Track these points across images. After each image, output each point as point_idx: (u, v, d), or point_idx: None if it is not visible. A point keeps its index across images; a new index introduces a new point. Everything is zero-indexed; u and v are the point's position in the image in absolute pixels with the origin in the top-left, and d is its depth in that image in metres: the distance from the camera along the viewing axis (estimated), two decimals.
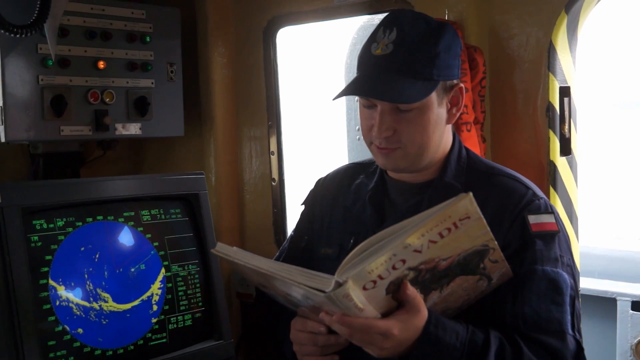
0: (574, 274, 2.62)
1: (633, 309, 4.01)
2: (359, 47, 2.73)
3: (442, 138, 2.73)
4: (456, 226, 2.20)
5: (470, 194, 2.15)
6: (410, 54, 2.56)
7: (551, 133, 3.37)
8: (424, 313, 2.33)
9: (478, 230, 2.26)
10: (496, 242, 2.33)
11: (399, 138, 2.62)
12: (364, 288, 2.19)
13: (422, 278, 2.30)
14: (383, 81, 2.56)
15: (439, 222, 2.17)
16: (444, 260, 2.29)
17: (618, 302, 4.09)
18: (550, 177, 3.38)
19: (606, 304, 4.14)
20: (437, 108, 2.64)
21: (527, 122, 3.43)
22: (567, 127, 3.40)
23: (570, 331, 2.51)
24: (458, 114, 2.74)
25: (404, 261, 2.21)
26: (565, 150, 3.42)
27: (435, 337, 2.35)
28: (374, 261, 2.15)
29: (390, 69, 2.56)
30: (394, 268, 2.20)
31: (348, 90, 2.66)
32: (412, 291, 2.29)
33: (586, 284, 4.18)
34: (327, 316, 2.29)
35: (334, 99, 2.69)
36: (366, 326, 2.26)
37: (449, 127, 2.77)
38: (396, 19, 2.61)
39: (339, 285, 2.14)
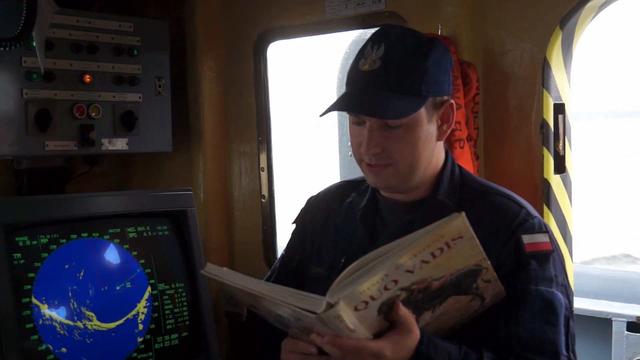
0: (569, 294, 2.59)
1: (629, 329, 3.97)
2: (351, 61, 2.69)
3: (432, 155, 2.69)
4: (449, 246, 2.16)
5: (463, 213, 2.12)
6: (398, 70, 2.53)
7: (545, 150, 3.33)
8: (416, 333, 2.29)
9: (471, 250, 2.22)
10: (489, 262, 2.29)
11: (390, 154, 2.58)
12: (356, 309, 2.16)
13: (415, 298, 2.27)
14: (370, 97, 2.53)
15: (431, 242, 2.13)
16: (437, 280, 2.25)
17: (613, 323, 4.04)
18: (544, 196, 3.35)
19: (601, 324, 4.09)
20: (427, 124, 2.60)
21: (520, 139, 3.40)
22: (561, 144, 3.37)
23: (564, 352, 2.48)
24: (449, 131, 2.70)
25: (396, 282, 2.17)
26: (560, 168, 3.38)
27: (428, 357, 2.31)
28: (366, 282, 2.12)
29: (377, 85, 2.53)
30: (385, 289, 2.17)
31: (335, 106, 2.62)
32: (404, 311, 2.25)
33: (581, 304, 4.14)
34: (319, 337, 2.25)
35: (321, 115, 2.66)
36: (358, 347, 2.22)
37: (441, 144, 2.74)
38: (384, 34, 2.58)
39: (330, 306, 2.11)
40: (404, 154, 2.58)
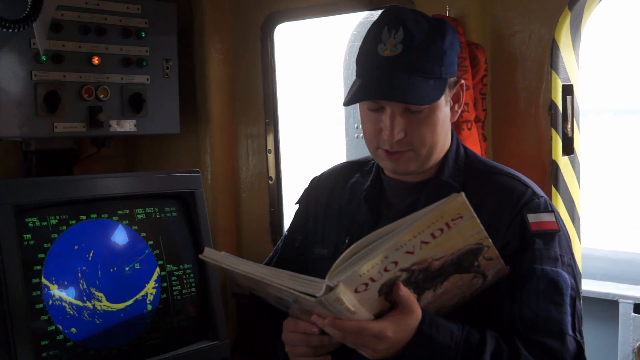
0: (575, 274, 2.58)
1: (635, 311, 3.98)
2: (358, 43, 2.68)
3: (447, 137, 2.70)
4: (449, 226, 2.17)
5: (462, 193, 2.13)
6: (421, 54, 2.52)
7: (553, 132, 3.33)
8: (418, 313, 2.30)
9: (471, 229, 2.23)
10: (490, 240, 2.30)
11: (410, 140, 2.57)
12: (356, 291, 2.17)
13: (415, 278, 2.27)
14: (396, 83, 2.51)
15: (431, 223, 2.14)
16: (437, 260, 2.26)
17: (620, 305, 4.06)
18: (552, 177, 3.34)
19: (608, 306, 4.11)
20: (444, 106, 2.62)
21: (529, 121, 3.40)
22: (569, 126, 3.36)
23: (570, 332, 2.47)
24: (459, 111, 2.72)
25: (396, 263, 2.18)
26: (568, 149, 3.38)
27: (430, 337, 2.32)
28: (366, 264, 2.13)
29: (402, 70, 2.52)
30: (385, 270, 2.18)
31: (361, 95, 2.59)
32: (404, 292, 2.26)
33: (588, 286, 4.15)
34: (319, 319, 2.27)
35: (345, 105, 2.64)
36: (359, 328, 2.24)
37: (449, 126, 2.73)
38: (399, 17, 2.56)
39: (330, 289, 2.12)
40: (425, 137, 2.58)
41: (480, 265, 2.36)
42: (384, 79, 2.54)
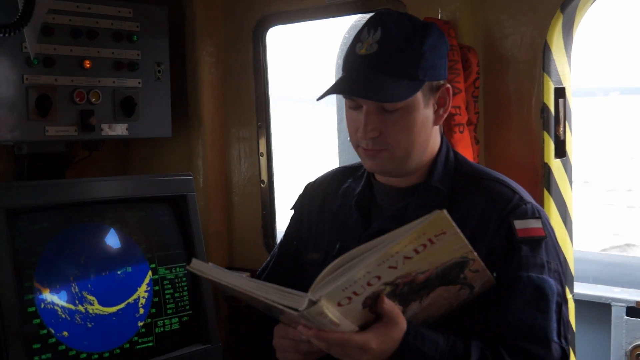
0: (562, 280, 2.58)
1: (628, 314, 3.98)
2: (348, 46, 2.70)
3: (429, 140, 2.69)
4: (432, 242, 2.17)
5: (444, 210, 2.11)
6: (395, 53, 2.53)
7: (545, 135, 3.33)
8: (403, 325, 2.31)
9: (455, 244, 2.23)
10: (475, 254, 2.30)
11: (385, 139, 2.58)
12: (339, 304, 2.18)
13: (400, 291, 2.28)
14: (367, 80, 2.53)
15: (413, 239, 2.14)
16: (422, 273, 2.26)
17: (613, 308, 4.06)
18: (544, 180, 3.34)
19: (601, 309, 4.11)
20: (424, 109, 2.61)
21: (521, 124, 3.40)
22: (562, 128, 3.36)
23: (555, 339, 2.48)
24: (445, 115, 2.71)
25: (379, 277, 2.18)
26: (560, 152, 3.38)
27: (414, 348, 2.33)
28: (348, 279, 2.13)
29: (374, 69, 2.53)
30: (369, 284, 2.18)
31: (332, 90, 2.62)
32: (388, 304, 2.27)
33: (580, 289, 4.15)
34: (305, 329, 2.28)
35: (318, 99, 2.68)
36: (343, 340, 2.25)
37: (437, 129, 2.74)
38: (381, 19, 2.58)
39: (312, 303, 2.13)
40: (399, 138, 2.58)
41: (466, 277, 2.36)
42: (354, 77, 2.57)
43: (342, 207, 2.87)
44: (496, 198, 2.61)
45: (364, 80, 2.54)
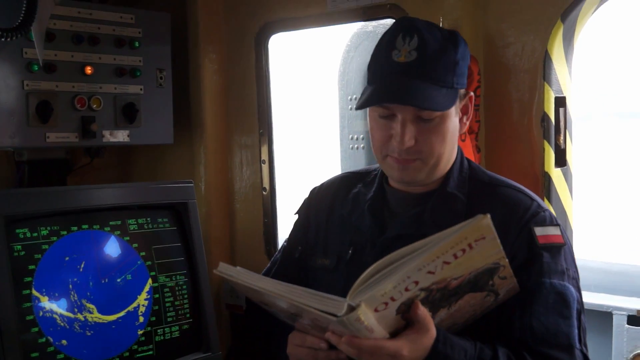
0: (579, 287, 2.60)
1: (629, 323, 3.96)
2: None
3: (455, 148, 2.72)
4: (471, 247, 2.16)
5: (488, 215, 2.11)
6: (435, 62, 2.54)
7: (546, 144, 3.33)
8: (433, 332, 2.31)
9: (492, 249, 2.23)
10: (507, 260, 2.30)
11: (419, 148, 2.58)
12: (376, 310, 2.17)
13: (432, 297, 2.28)
14: (410, 88, 2.52)
15: (455, 244, 2.13)
16: (455, 279, 2.26)
17: (614, 316, 4.03)
18: (544, 189, 3.34)
19: (602, 317, 4.09)
20: (454, 117, 2.63)
21: (522, 133, 3.39)
22: (562, 137, 3.36)
23: (577, 345, 2.50)
24: (468, 123, 2.74)
25: (416, 282, 2.18)
26: (560, 161, 3.38)
27: (444, 355, 2.32)
28: (388, 284, 2.12)
29: (416, 76, 2.53)
30: (406, 290, 2.17)
31: (374, 99, 2.59)
32: (422, 311, 2.26)
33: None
34: (335, 336, 2.26)
35: (357, 108, 2.65)
36: (376, 347, 2.23)
37: (457, 138, 2.74)
38: (414, 26, 2.58)
39: (351, 309, 2.11)
40: (433, 147, 2.59)
41: (494, 284, 2.36)
42: (398, 84, 2.55)
43: (354, 212, 2.86)
44: (515, 205, 2.62)
45: (407, 89, 2.53)
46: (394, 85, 2.56)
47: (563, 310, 2.49)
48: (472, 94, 2.70)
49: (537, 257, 2.52)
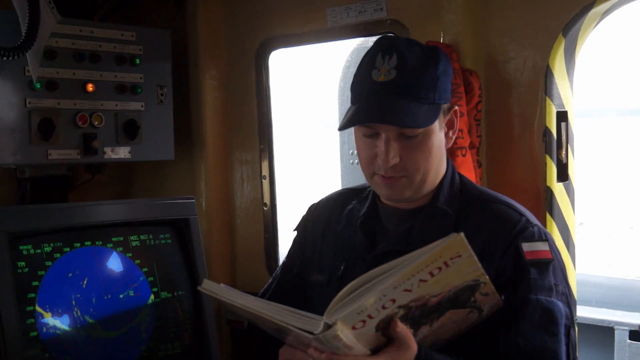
0: (569, 303, 2.57)
1: (631, 338, 3.96)
2: (353, 70, 2.68)
3: (442, 163, 2.70)
4: (447, 265, 2.16)
5: (462, 233, 2.11)
6: (414, 79, 2.54)
7: (548, 158, 3.33)
8: (414, 348, 2.30)
9: (469, 267, 2.22)
10: (487, 277, 2.29)
11: (404, 165, 2.58)
12: (353, 327, 2.17)
13: (412, 315, 2.27)
14: (390, 107, 2.52)
15: (430, 262, 2.13)
16: (434, 296, 2.25)
17: (616, 332, 4.04)
18: (546, 203, 3.34)
19: (604, 333, 4.09)
20: (439, 132, 2.62)
21: (523, 147, 3.40)
22: (564, 152, 3.36)
23: None
24: (454, 137, 2.73)
25: (393, 300, 2.18)
26: (562, 175, 3.38)
27: None
28: (364, 302, 2.12)
29: (396, 95, 2.53)
30: (383, 307, 2.17)
31: (355, 119, 2.60)
32: (401, 328, 2.25)
33: (583, 312, 4.13)
34: (316, 352, 2.26)
35: (340, 129, 2.66)
36: None
37: (444, 152, 2.73)
38: (393, 44, 2.58)
39: (328, 327, 2.12)
40: (418, 163, 2.59)
41: (476, 300, 2.35)
42: (379, 104, 2.55)
43: (347, 228, 2.86)
44: (503, 221, 2.61)
45: (387, 108, 2.53)
46: (374, 104, 2.56)
47: (550, 327, 2.47)
48: (456, 107, 2.70)
49: (524, 274, 2.50)
